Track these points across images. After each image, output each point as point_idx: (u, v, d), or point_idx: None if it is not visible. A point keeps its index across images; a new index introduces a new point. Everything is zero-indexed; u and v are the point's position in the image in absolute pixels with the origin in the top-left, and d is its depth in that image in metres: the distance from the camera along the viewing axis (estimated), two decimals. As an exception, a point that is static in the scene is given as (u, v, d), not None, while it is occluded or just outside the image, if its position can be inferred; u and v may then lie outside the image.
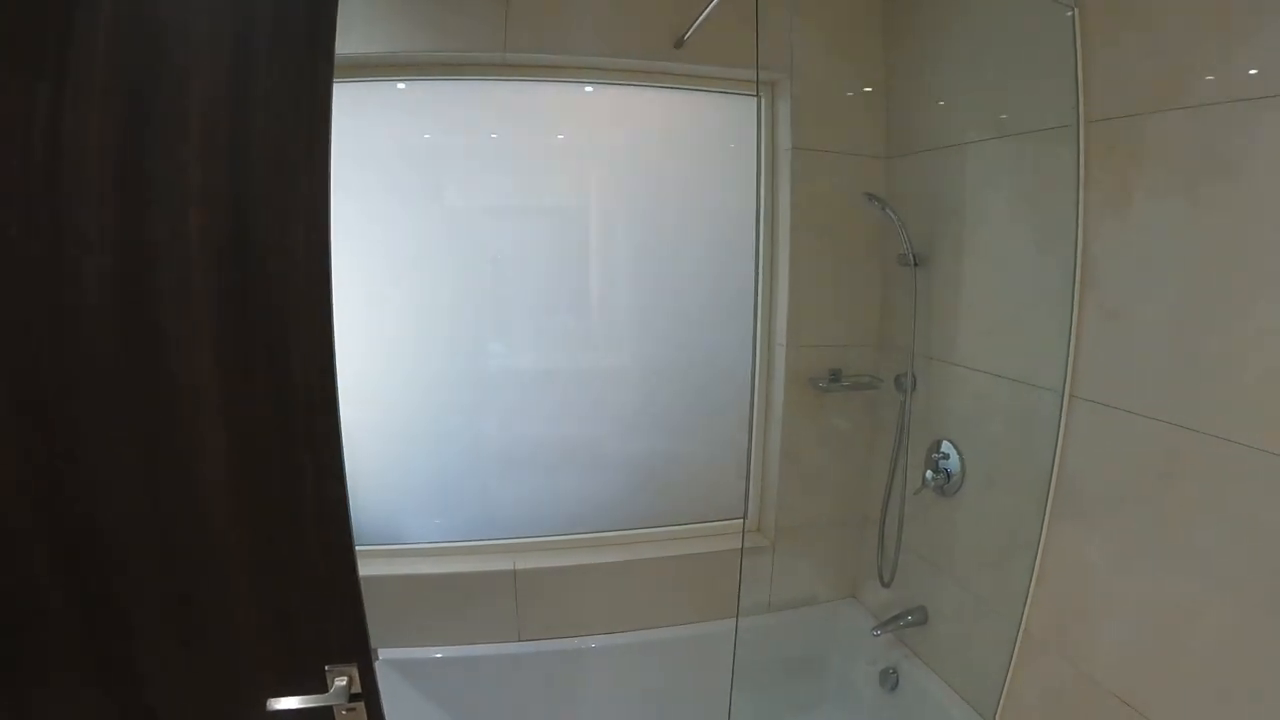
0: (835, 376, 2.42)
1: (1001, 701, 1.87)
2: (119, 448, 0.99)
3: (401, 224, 2.22)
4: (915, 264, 2.17)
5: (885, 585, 2.34)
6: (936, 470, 2.15)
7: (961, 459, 2.09)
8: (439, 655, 2.32)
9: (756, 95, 2.32)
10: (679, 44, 2.15)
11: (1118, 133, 1.55)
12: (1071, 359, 1.67)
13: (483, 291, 2.32)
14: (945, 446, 2.14)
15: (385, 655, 2.21)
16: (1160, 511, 1.48)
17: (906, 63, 2.30)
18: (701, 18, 1.98)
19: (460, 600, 2.34)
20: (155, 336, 0.97)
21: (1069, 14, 1.62)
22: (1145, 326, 1.51)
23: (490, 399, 2.41)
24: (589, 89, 2.29)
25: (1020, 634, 1.83)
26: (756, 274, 2.44)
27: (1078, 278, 1.65)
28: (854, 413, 2.54)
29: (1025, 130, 1.90)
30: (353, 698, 1.08)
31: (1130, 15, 1.52)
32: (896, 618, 2.26)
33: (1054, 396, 1.71)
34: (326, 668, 1.08)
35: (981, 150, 2.03)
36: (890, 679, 2.30)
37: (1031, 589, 1.79)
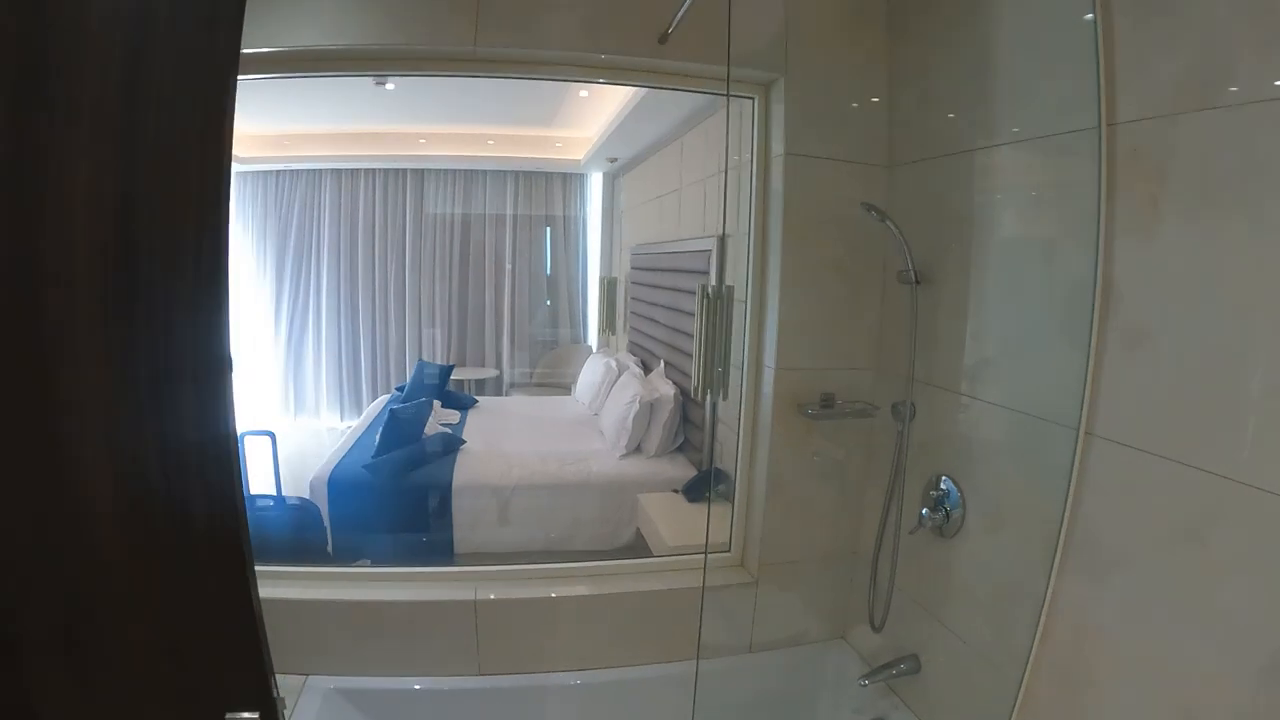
0: (827, 402, 2.32)
1: (999, 768, 1.78)
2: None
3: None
4: (917, 281, 2.10)
5: (876, 629, 2.26)
6: (935, 508, 2.06)
7: (963, 497, 2.01)
8: (396, 686, 2.25)
9: (726, 96, 2.24)
10: (663, 39, 2.07)
11: (1144, 136, 1.46)
12: (1089, 392, 1.58)
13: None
14: (945, 483, 2.05)
15: (338, 683, 2.20)
16: (1184, 569, 1.38)
17: (911, 62, 2.23)
18: (684, 9, 1.91)
19: (418, 629, 2.28)
20: (37, 353, 0.90)
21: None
22: (1174, 358, 1.41)
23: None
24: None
25: (1021, 694, 1.74)
26: (746, 290, 2.38)
27: (1097, 300, 1.55)
28: (847, 442, 2.47)
29: (1041, 135, 1.82)
30: (257, 745, 1.03)
31: (1159, 2, 1.43)
32: (887, 666, 2.18)
33: (1068, 433, 1.62)
34: (227, 715, 1.01)
35: (991, 157, 1.95)
36: (878, 731, 2.21)
37: (1035, 646, 1.70)
